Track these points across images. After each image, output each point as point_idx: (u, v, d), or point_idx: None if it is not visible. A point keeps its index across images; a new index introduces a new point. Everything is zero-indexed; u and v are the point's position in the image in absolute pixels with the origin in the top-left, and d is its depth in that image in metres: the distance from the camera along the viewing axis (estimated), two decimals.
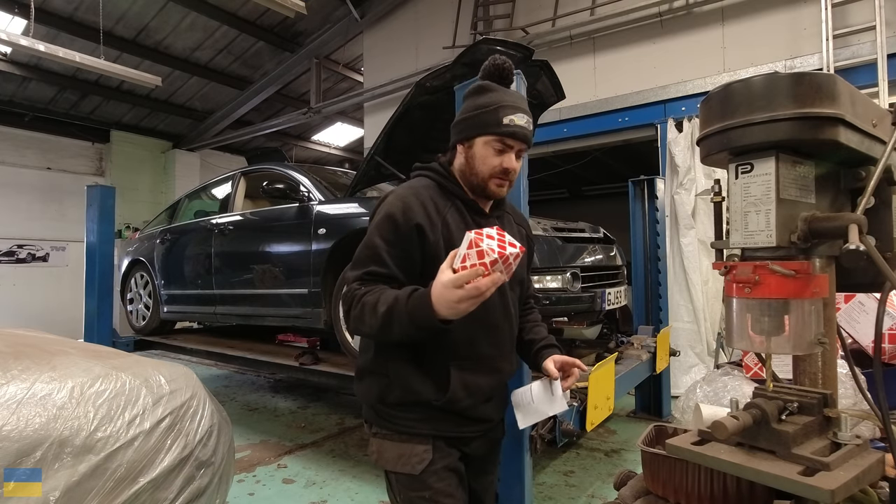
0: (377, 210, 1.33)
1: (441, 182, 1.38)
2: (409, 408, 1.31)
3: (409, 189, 1.34)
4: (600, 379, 2.44)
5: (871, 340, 2.60)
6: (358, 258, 1.29)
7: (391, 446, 1.31)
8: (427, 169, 1.43)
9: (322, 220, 3.23)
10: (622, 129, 5.36)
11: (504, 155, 1.32)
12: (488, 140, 1.32)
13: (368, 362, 1.38)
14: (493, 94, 1.33)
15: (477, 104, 1.33)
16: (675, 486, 1.28)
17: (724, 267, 1.13)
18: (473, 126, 1.33)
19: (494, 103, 1.31)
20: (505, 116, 1.29)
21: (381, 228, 1.28)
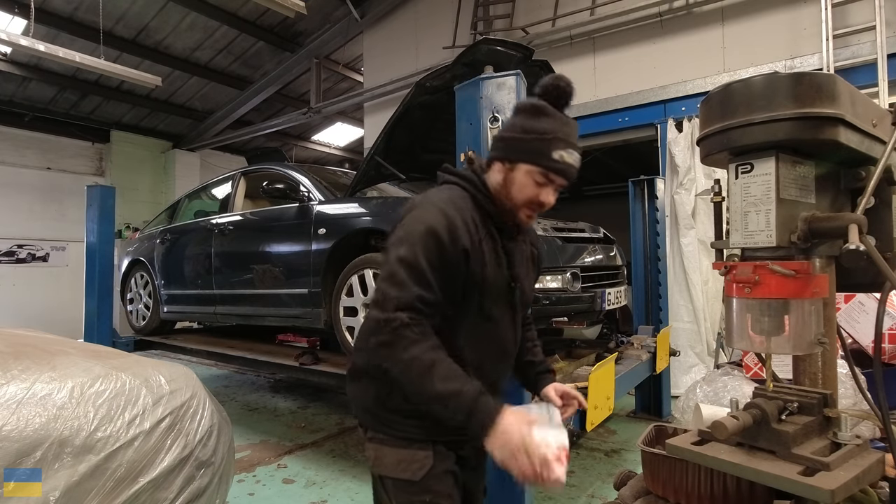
0: (411, 218, 1.20)
1: (478, 198, 1.28)
2: (409, 414, 1.26)
3: (451, 203, 1.22)
4: (600, 379, 2.44)
5: (871, 340, 2.60)
6: (397, 275, 1.13)
7: (390, 451, 1.27)
8: (463, 178, 1.31)
9: (322, 220, 3.23)
10: (622, 129, 5.36)
11: (544, 188, 1.25)
12: (532, 170, 1.23)
13: (368, 364, 1.32)
14: (549, 122, 1.23)
15: (530, 127, 1.23)
16: (675, 486, 1.28)
17: (724, 267, 1.13)
18: (521, 151, 1.24)
19: (549, 133, 1.22)
20: (556, 151, 1.21)
21: (425, 247, 1.14)
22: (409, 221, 1.19)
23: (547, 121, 1.23)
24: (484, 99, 2.14)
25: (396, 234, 1.20)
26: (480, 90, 2.15)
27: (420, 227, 1.16)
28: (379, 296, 1.15)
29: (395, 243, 1.18)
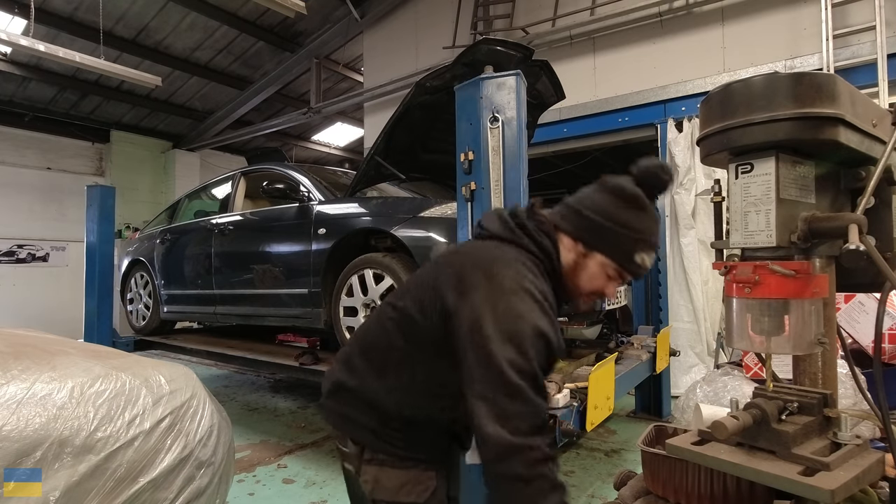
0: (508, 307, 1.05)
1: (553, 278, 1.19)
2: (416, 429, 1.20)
3: (542, 292, 1.10)
4: (600, 379, 2.44)
5: (871, 340, 2.60)
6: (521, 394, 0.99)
7: (393, 474, 1.18)
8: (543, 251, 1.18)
9: (322, 220, 3.23)
10: (622, 129, 5.36)
11: (612, 282, 1.20)
12: (609, 264, 1.17)
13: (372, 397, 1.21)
14: (643, 219, 1.16)
15: (623, 221, 1.14)
16: (675, 486, 1.28)
17: (724, 267, 1.13)
18: (606, 242, 1.16)
19: (640, 234, 1.15)
20: (640, 254, 1.16)
21: (537, 353, 1.03)
22: (507, 311, 1.04)
23: (642, 218, 1.16)
24: (484, 99, 2.14)
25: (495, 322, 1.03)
26: (480, 90, 2.15)
27: (526, 327, 1.03)
28: (500, 410, 0.99)
29: (495, 338, 1.02)
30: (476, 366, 1.03)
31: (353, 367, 1.27)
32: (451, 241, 2.57)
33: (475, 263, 1.14)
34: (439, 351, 1.14)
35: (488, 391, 1.01)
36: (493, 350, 1.01)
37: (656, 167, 1.16)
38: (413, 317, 1.18)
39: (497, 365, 1.00)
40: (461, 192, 2.23)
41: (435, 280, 1.17)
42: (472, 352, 1.04)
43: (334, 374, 1.31)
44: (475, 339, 1.04)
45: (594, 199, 1.19)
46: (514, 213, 1.26)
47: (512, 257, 1.14)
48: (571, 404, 2.36)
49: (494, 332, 1.02)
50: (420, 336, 1.17)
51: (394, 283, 2.76)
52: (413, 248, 2.70)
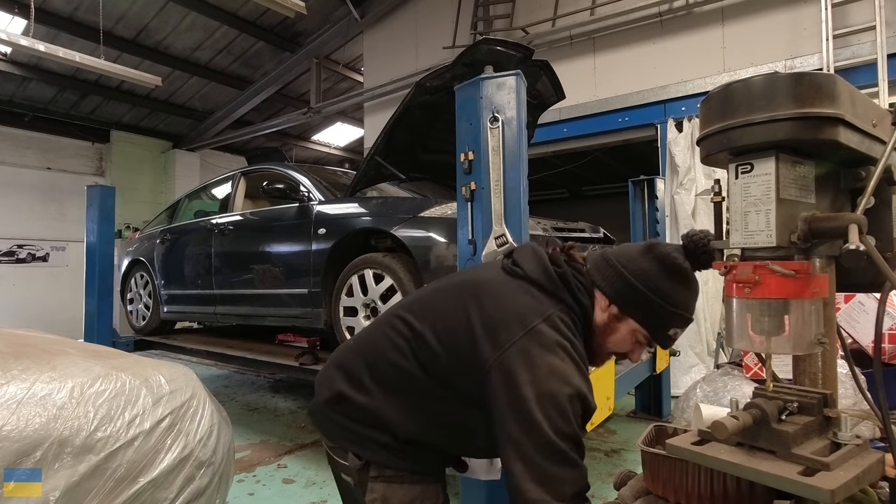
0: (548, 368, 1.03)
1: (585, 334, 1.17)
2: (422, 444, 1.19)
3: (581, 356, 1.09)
4: (600, 379, 2.44)
5: (871, 340, 2.60)
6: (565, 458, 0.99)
7: (402, 491, 1.15)
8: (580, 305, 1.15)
9: (322, 220, 3.23)
10: (622, 129, 5.36)
11: (639, 348, 1.19)
12: (640, 331, 1.15)
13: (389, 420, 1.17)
14: (684, 293, 1.14)
15: (664, 293, 1.12)
16: (675, 486, 1.28)
17: (724, 267, 1.13)
18: (642, 310, 1.13)
19: (679, 308, 1.14)
20: (674, 328, 1.15)
21: (576, 415, 1.03)
22: (547, 370, 1.02)
23: (684, 292, 1.14)
24: (484, 99, 2.14)
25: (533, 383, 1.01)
26: (480, 90, 2.15)
27: (567, 389, 1.01)
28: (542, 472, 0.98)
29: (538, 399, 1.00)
30: (515, 426, 1.01)
31: (360, 382, 1.21)
32: (450, 242, 2.57)
33: (512, 311, 1.09)
34: (457, 392, 1.12)
35: (529, 453, 0.98)
36: (534, 411, 0.99)
37: (708, 242, 1.13)
38: (432, 347, 1.13)
39: (538, 427, 0.98)
40: (461, 192, 2.23)
41: (462, 315, 1.12)
42: (510, 410, 1.02)
43: (335, 382, 1.24)
44: (513, 398, 1.02)
45: (640, 264, 1.14)
46: (554, 259, 1.20)
47: (551, 311, 1.10)
48: None
49: (534, 393, 1.00)
50: (438, 370, 1.13)
51: (394, 284, 2.76)
52: (413, 248, 2.70)
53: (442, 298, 1.23)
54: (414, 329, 1.17)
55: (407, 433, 1.16)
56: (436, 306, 1.21)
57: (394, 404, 1.16)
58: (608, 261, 1.18)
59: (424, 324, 1.16)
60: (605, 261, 1.18)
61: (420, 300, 1.29)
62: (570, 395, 1.01)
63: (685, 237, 1.16)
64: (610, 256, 1.18)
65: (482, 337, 1.07)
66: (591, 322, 1.16)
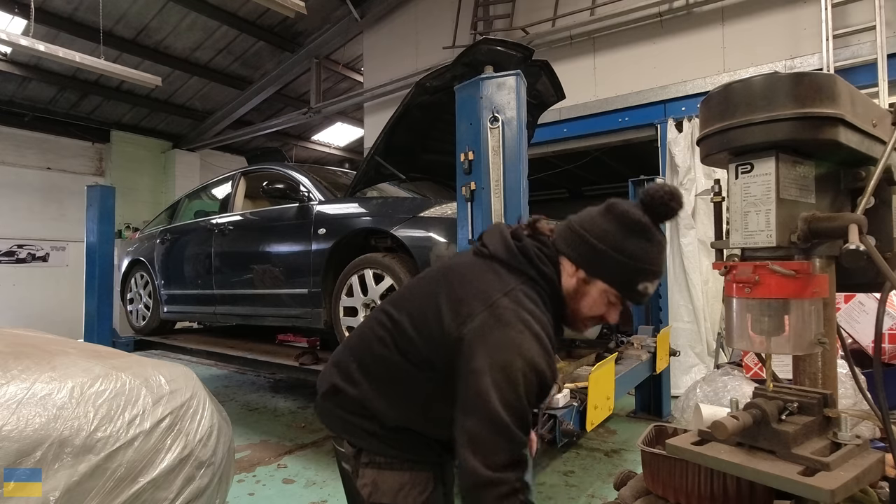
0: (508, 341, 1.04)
1: (553, 305, 1.18)
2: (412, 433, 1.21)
3: (541, 324, 1.10)
4: (600, 379, 2.44)
5: (871, 340, 2.60)
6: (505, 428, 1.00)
7: (392, 477, 1.18)
8: (545, 278, 1.16)
9: (322, 220, 3.23)
10: (622, 129, 5.36)
11: (613, 308, 1.19)
12: (611, 292, 1.15)
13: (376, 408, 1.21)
14: (647, 248, 1.12)
15: (626, 248, 1.11)
16: (675, 486, 1.28)
17: (724, 267, 1.13)
18: (608, 271, 1.13)
19: (644, 261, 1.12)
20: (643, 283, 1.14)
21: (528, 387, 1.03)
22: (503, 344, 1.04)
23: (647, 246, 1.12)
24: (484, 99, 2.14)
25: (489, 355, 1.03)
26: (480, 90, 2.15)
27: (520, 362, 1.03)
28: (478, 439, 1.01)
29: (491, 371, 1.02)
30: (466, 396, 1.05)
31: (352, 378, 1.25)
32: (450, 242, 2.57)
33: (475, 289, 1.12)
34: (433, 376, 1.15)
35: (472, 422, 1.02)
36: (484, 382, 1.01)
37: (666, 195, 1.11)
38: (408, 333, 1.17)
39: (485, 398, 1.01)
40: (461, 192, 2.23)
41: (433, 298, 1.16)
42: (464, 381, 1.05)
43: (331, 377, 1.30)
44: (468, 370, 1.05)
45: (600, 224, 1.15)
46: (516, 234, 1.22)
47: (512, 286, 1.12)
48: (571, 404, 2.36)
49: (488, 364, 1.02)
50: (416, 355, 1.16)
51: (394, 284, 2.76)
52: (413, 248, 2.70)
53: (418, 286, 1.28)
54: (393, 319, 1.21)
55: (392, 420, 1.19)
56: (412, 294, 1.26)
57: (380, 394, 1.20)
58: (571, 227, 1.19)
59: (402, 313, 1.20)
60: (569, 228, 1.20)
61: (401, 292, 1.34)
62: (522, 368, 1.02)
63: (643, 192, 1.16)
64: (573, 222, 1.20)
65: (448, 316, 1.11)
66: (561, 291, 1.18)
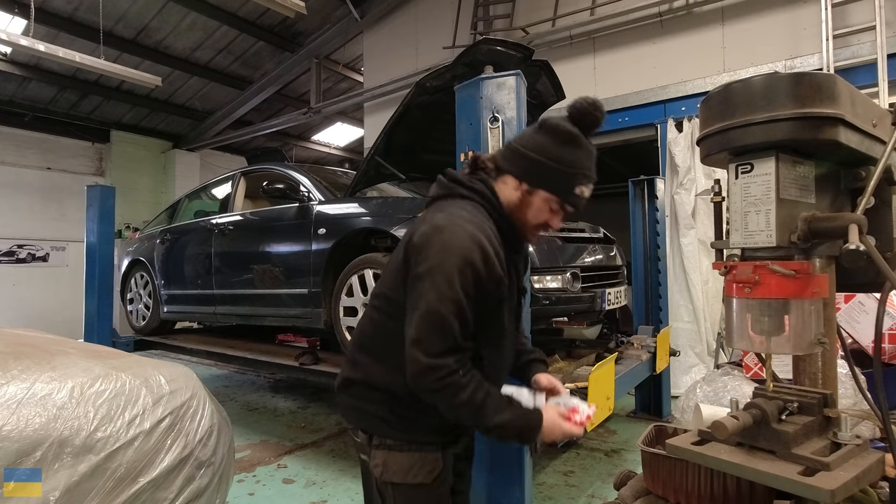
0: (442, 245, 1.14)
1: (496, 218, 1.27)
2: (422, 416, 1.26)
3: (479, 228, 1.18)
4: (600, 379, 2.44)
5: (871, 340, 2.60)
6: (440, 319, 1.11)
7: (402, 458, 1.26)
8: (479, 194, 1.27)
9: (322, 220, 3.23)
10: (622, 129, 5.36)
11: (556, 215, 1.29)
12: (552, 199, 1.25)
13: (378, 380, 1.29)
14: (578, 154, 1.24)
15: (559, 156, 1.22)
16: (675, 486, 1.28)
17: (724, 267, 1.13)
18: (546, 179, 1.24)
19: (577, 167, 1.23)
20: (579, 186, 1.24)
21: (463, 280, 1.11)
22: (440, 248, 1.13)
23: (578, 153, 1.24)
24: (484, 99, 2.14)
25: (427, 260, 1.14)
26: (480, 90, 2.15)
27: (455, 258, 1.12)
28: (419, 335, 1.12)
29: (428, 273, 1.13)
30: (410, 301, 1.17)
31: (356, 362, 1.35)
32: None
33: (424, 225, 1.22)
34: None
35: (415, 320, 1.14)
36: (424, 285, 1.13)
37: (590, 105, 1.25)
38: (386, 294, 1.29)
39: (425, 297, 1.13)
40: None
41: (395, 253, 1.31)
42: (411, 290, 1.18)
43: (342, 372, 1.40)
44: (413, 279, 1.17)
45: (535, 139, 1.27)
46: (445, 173, 1.35)
47: (449, 208, 1.24)
48: None
49: (427, 269, 1.14)
50: (395, 308, 1.25)
51: None
52: None
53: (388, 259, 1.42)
54: (376, 295, 1.35)
55: (399, 387, 1.24)
56: (384, 268, 1.39)
57: (380, 364, 1.29)
58: (510, 146, 1.31)
59: (380, 285, 1.35)
60: (508, 148, 1.32)
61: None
62: (456, 263, 1.11)
63: (569, 107, 1.27)
64: (511, 143, 1.33)
65: (401, 252, 1.25)
66: (501, 205, 1.28)
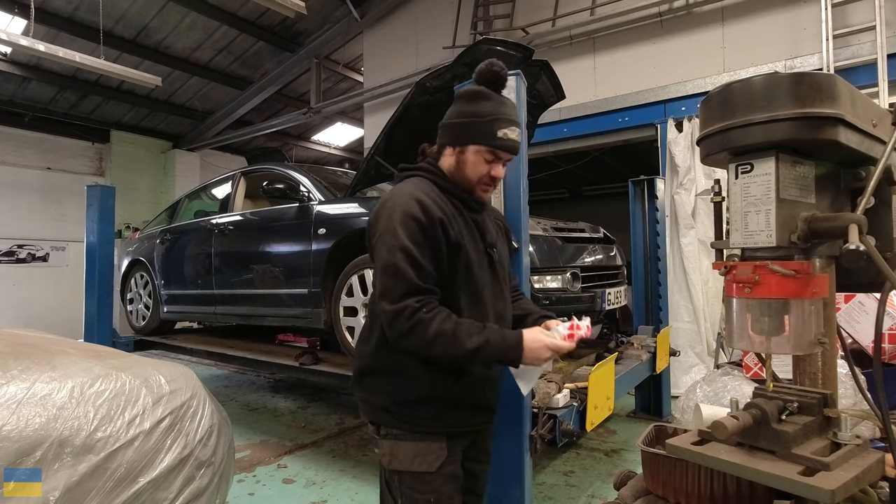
0: (385, 212, 1.30)
1: (439, 182, 1.39)
2: (424, 405, 1.33)
3: (415, 188, 1.33)
4: (600, 379, 2.44)
5: (871, 340, 2.60)
6: (391, 264, 1.24)
7: (407, 446, 1.32)
8: (420, 169, 1.43)
9: (322, 220, 3.23)
10: (622, 129, 5.35)
11: (493, 164, 1.38)
12: (481, 150, 1.36)
13: (375, 363, 1.39)
14: (489, 104, 1.36)
15: (473, 111, 1.36)
16: (675, 486, 1.29)
17: (724, 267, 1.13)
18: (468, 134, 1.36)
19: (491, 115, 1.34)
20: (500, 129, 1.34)
21: (407, 230, 1.25)
22: (385, 215, 1.29)
23: (486, 104, 1.36)
24: None
25: (377, 230, 1.30)
26: None
27: (396, 215, 1.26)
28: (382, 288, 1.26)
29: (379, 236, 1.28)
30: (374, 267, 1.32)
31: (360, 355, 1.45)
32: None
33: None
34: None
35: (378, 275, 1.28)
36: (377, 246, 1.29)
37: (489, 64, 1.37)
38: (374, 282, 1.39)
39: (378, 255, 1.28)
40: None
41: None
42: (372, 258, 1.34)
43: (352, 367, 1.48)
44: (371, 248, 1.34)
45: (452, 110, 1.42)
46: (399, 166, 1.50)
47: (399, 187, 1.37)
48: (571, 404, 2.36)
49: (377, 233, 1.30)
50: None
51: None
52: None
53: None
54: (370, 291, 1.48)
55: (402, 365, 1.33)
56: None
57: (381, 347, 1.37)
58: (439, 125, 1.45)
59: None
60: (439, 127, 1.46)
61: None
62: (400, 218, 1.25)
63: (474, 72, 1.40)
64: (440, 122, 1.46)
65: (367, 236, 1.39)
66: (443, 172, 1.40)
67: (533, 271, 2.70)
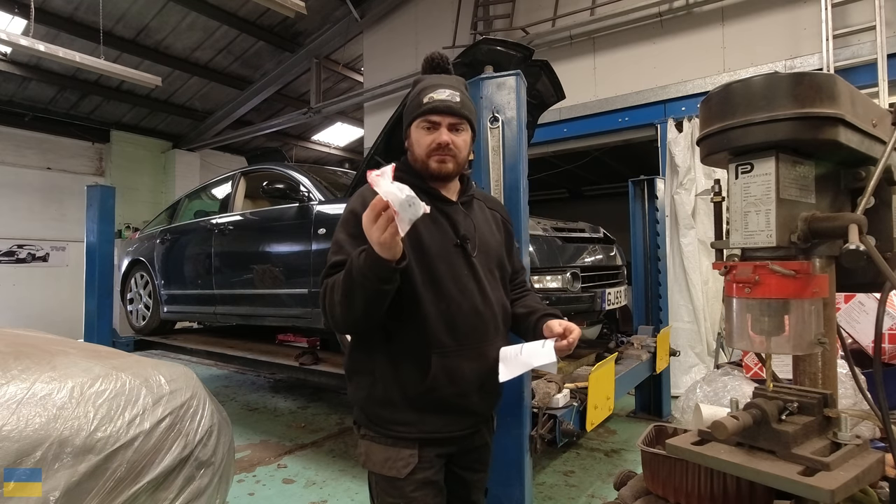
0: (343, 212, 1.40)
1: (402, 176, 1.34)
2: (395, 407, 1.31)
3: (368, 187, 1.31)
4: (600, 379, 2.44)
5: (871, 340, 2.60)
6: (328, 261, 1.34)
7: (378, 449, 1.33)
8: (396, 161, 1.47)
9: (322, 220, 3.23)
10: (622, 129, 5.36)
11: (434, 132, 1.36)
12: (417, 123, 1.39)
13: (354, 361, 1.41)
14: (419, 84, 1.42)
15: (408, 97, 1.44)
16: (675, 486, 1.28)
17: (724, 267, 1.13)
18: (406, 117, 1.43)
19: (417, 89, 1.40)
20: (425, 96, 1.36)
21: (345, 225, 1.34)
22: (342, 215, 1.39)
23: (417, 84, 1.42)
24: (484, 99, 2.14)
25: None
26: (480, 90, 2.15)
27: (344, 213, 1.37)
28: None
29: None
30: None
31: (348, 355, 1.45)
32: None
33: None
34: None
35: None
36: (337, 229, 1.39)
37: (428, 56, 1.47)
38: None
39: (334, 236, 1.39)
40: None
41: None
42: None
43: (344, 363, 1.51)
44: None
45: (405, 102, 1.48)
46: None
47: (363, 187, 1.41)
48: (571, 404, 2.36)
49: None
50: None
51: None
52: None
53: None
54: None
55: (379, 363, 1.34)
56: None
57: (353, 347, 1.42)
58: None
59: None
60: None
61: None
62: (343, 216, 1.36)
63: (424, 60, 1.48)
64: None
65: None
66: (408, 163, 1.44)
67: (533, 271, 2.70)
